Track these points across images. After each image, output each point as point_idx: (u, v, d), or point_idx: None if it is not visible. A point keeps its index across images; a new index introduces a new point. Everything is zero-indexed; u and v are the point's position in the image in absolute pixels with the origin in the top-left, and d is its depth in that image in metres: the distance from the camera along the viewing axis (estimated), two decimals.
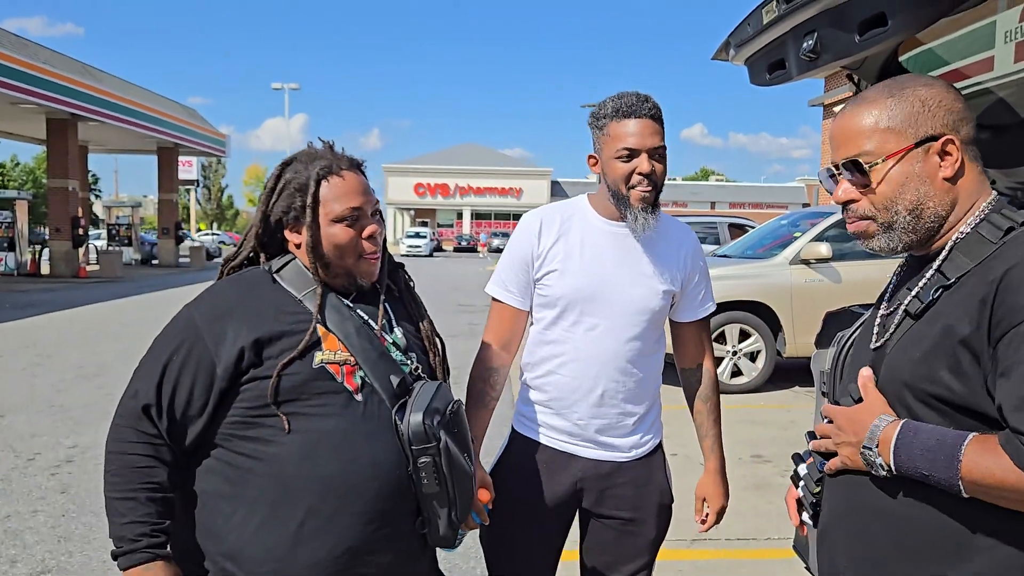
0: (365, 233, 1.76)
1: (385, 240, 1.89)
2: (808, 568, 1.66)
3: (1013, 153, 2.64)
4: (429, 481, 1.71)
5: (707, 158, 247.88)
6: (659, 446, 2.37)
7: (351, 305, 1.80)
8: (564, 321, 2.23)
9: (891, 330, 1.45)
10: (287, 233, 1.81)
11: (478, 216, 64.86)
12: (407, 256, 44.58)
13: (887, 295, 1.57)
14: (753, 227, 14.09)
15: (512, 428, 2.38)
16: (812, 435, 1.57)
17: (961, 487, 1.26)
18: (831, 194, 1.52)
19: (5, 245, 24.67)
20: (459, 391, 2.52)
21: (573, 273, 2.20)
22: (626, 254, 2.23)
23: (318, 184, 1.74)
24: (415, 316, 1.96)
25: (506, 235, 52.06)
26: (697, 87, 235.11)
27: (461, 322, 13.81)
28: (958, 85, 2.67)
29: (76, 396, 7.79)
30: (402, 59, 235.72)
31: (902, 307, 1.44)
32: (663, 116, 2.18)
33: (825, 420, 1.51)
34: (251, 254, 1.88)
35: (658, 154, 2.13)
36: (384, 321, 1.84)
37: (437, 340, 1.97)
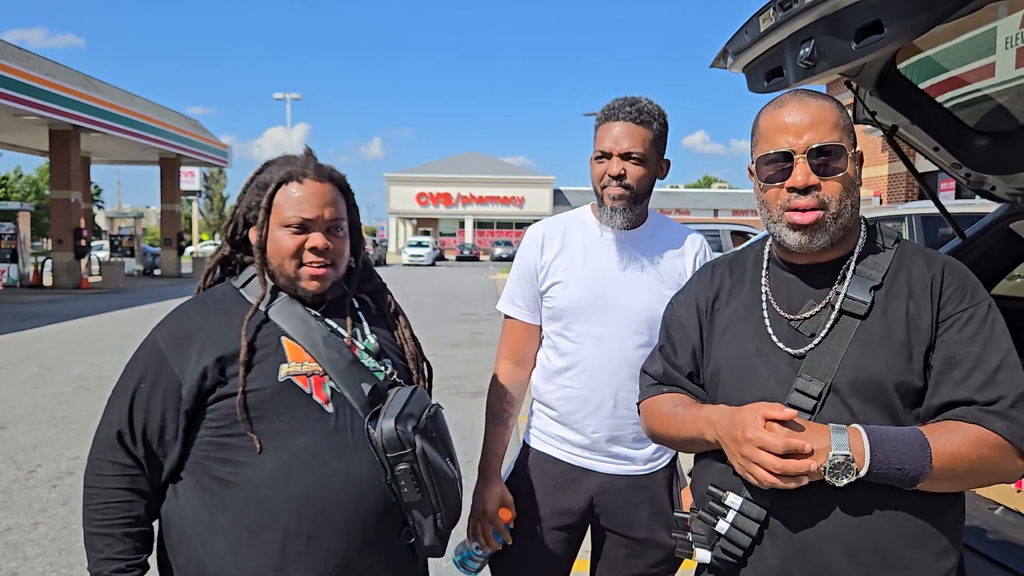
0: (309, 244, 1.73)
1: (360, 253, 1.88)
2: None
3: (1013, 159, 2.64)
4: (409, 489, 1.68)
5: (709, 165, 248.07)
6: (673, 463, 2.33)
7: (319, 315, 1.78)
8: (571, 332, 2.22)
9: (823, 332, 1.49)
10: (250, 233, 1.81)
11: (480, 225, 64.77)
12: (409, 266, 44.58)
13: (768, 301, 1.59)
14: (755, 235, 14.08)
15: (524, 442, 2.36)
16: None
17: (927, 475, 1.35)
18: (766, 182, 1.53)
19: (8, 256, 24.71)
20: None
21: (576, 282, 2.20)
22: (630, 261, 2.22)
23: (277, 187, 1.74)
24: (393, 327, 1.94)
25: (508, 244, 52.05)
26: (698, 94, 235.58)
27: (463, 331, 13.83)
28: (958, 92, 2.66)
29: (78, 408, 7.78)
30: (403, 69, 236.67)
31: (833, 309, 1.50)
32: (657, 120, 2.18)
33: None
34: (226, 253, 1.87)
35: (632, 157, 2.15)
36: (355, 328, 1.82)
37: (422, 361, 1.95)
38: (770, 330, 1.55)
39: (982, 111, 2.65)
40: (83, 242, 24.22)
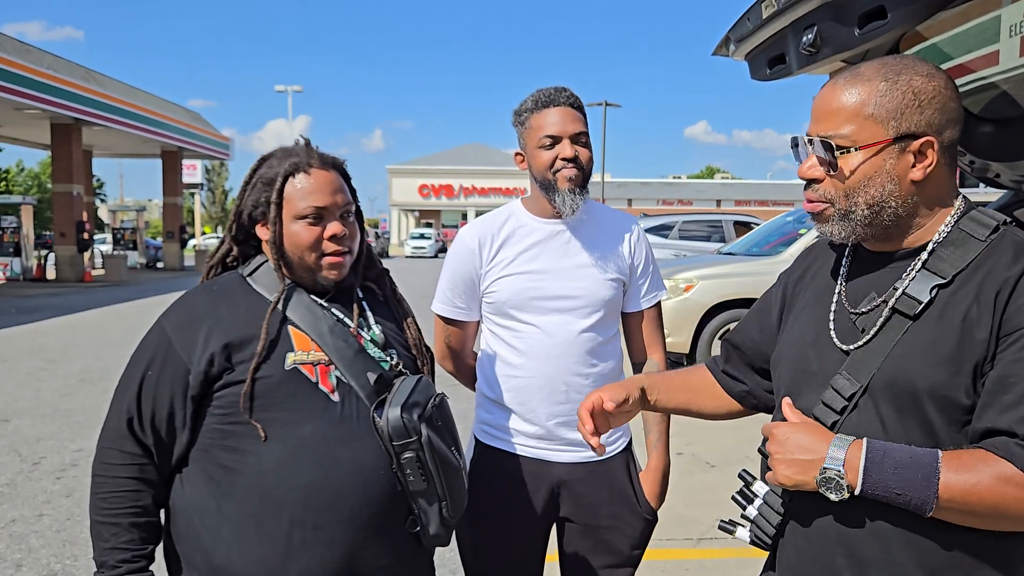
0: (327, 233, 1.73)
1: (363, 240, 1.87)
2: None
3: (1018, 146, 2.63)
4: (415, 478, 1.68)
5: (712, 156, 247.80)
6: (629, 448, 2.35)
7: (325, 304, 1.77)
8: (515, 322, 2.23)
9: (874, 330, 1.35)
10: (258, 229, 1.79)
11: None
12: (412, 257, 44.57)
13: (840, 290, 1.46)
14: (758, 224, 14.07)
15: (475, 439, 2.34)
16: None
17: (934, 505, 1.21)
18: (798, 163, 1.43)
19: (11, 250, 24.71)
20: (464, 389, 2.51)
21: (518, 276, 2.21)
22: (566, 248, 2.23)
23: (284, 180, 1.72)
24: (399, 316, 1.93)
25: None
26: (700, 84, 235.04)
27: None
28: (962, 80, 2.65)
29: (81, 400, 7.80)
30: (404, 61, 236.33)
31: (887, 306, 1.35)
32: (583, 106, 2.21)
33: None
34: (230, 251, 1.86)
35: (580, 140, 2.17)
36: (361, 319, 1.81)
37: (424, 347, 1.94)
38: (832, 321, 1.43)
39: (986, 99, 2.64)
40: (86, 235, 24.23)
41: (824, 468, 1.25)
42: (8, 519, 4.74)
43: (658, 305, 2.38)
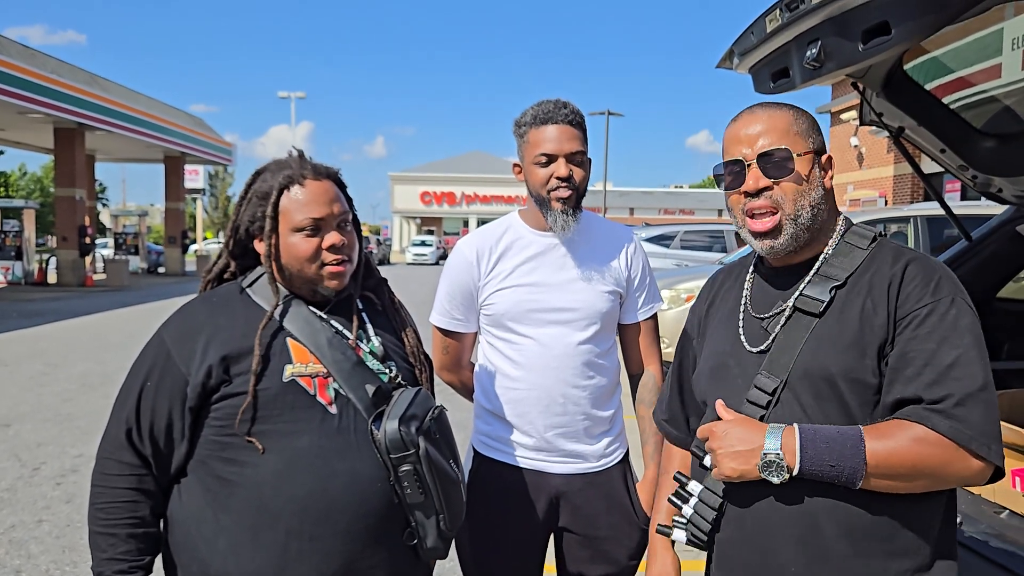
0: (326, 243, 1.73)
1: (361, 250, 1.87)
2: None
3: (1020, 161, 2.63)
4: (413, 491, 1.68)
5: (714, 165, 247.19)
6: (626, 459, 2.35)
7: (324, 316, 1.77)
8: (513, 334, 2.23)
9: (777, 329, 1.55)
10: (256, 244, 1.79)
11: (484, 224, 64.30)
12: (413, 264, 44.57)
13: (746, 303, 1.66)
14: None
15: (474, 450, 2.34)
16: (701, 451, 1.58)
17: (863, 474, 1.37)
18: (726, 189, 1.62)
19: (12, 254, 24.76)
20: (463, 399, 2.51)
21: (515, 288, 2.21)
22: (564, 260, 2.24)
23: (280, 193, 1.72)
24: (398, 326, 1.93)
25: None
26: (702, 94, 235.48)
27: None
28: (965, 93, 2.65)
29: (82, 405, 7.80)
30: (407, 67, 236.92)
31: (787, 307, 1.56)
32: (583, 122, 2.21)
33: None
34: (227, 266, 1.86)
35: (576, 159, 2.17)
36: (360, 330, 1.81)
37: (423, 356, 1.94)
38: (741, 330, 1.63)
39: (989, 112, 2.65)
40: (87, 240, 24.25)
41: (764, 454, 1.41)
42: (8, 525, 4.73)
43: (655, 317, 2.39)
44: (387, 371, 1.79)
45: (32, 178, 63.46)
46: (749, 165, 1.56)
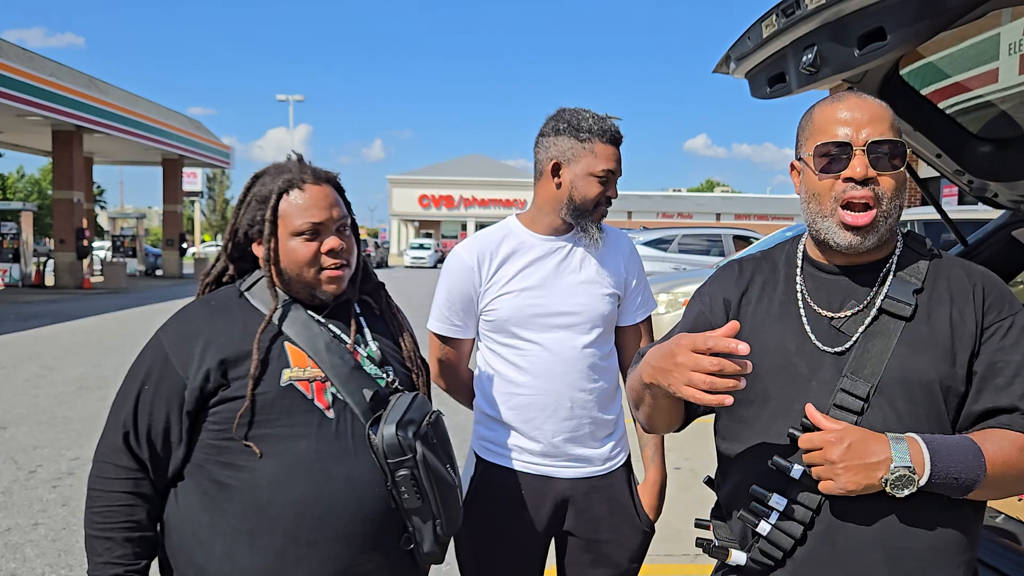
0: (325, 247, 1.73)
1: (359, 254, 1.86)
2: None
3: (1016, 166, 2.63)
4: (410, 495, 1.68)
5: (711, 169, 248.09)
6: (628, 463, 2.36)
7: (322, 320, 1.77)
8: (517, 340, 2.23)
9: (861, 330, 1.49)
10: (255, 247, 1.79)
11: (482, 227, 64.01)
12: (411, 268, 44.56)
13: (805, 300, 1.56)
14: (757, 239, 14.08)
15: (476, 455, 2.33)
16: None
17: (982, 481, 1.33)
18: (821, 172, 1.48)
19: (10, 256, 24.71)
20: (448, 402, 2.51)
21: (517, 293, 2.21)
22: (565, 264, 2.25)
23: (279, 197, 1.72)
24: (395, 331, 1.93)
25: None
26: (700, 97, 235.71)
27: None
28: (961, 98, 2.66)
29: (79, 408, 7.78)
30: (405, 70, 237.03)
31: (872, 309, 1.50)
32: None
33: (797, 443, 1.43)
34: (225, 270, 1.86)
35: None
36: (358, 335, 1.81)
37: (419, 360, 1.94)
38: (808, 329, 1.53)
39: (985, 117, 2.65)
40: (85, 242, 24.23)
41: (894, 467, 1.32)
42: (3, 528, 4.72)
43: (649, 319, 2.41)
44: (384, 375, 1.79)
45: (30, 180, 63.42)
46: (857, 151, 1.46)
